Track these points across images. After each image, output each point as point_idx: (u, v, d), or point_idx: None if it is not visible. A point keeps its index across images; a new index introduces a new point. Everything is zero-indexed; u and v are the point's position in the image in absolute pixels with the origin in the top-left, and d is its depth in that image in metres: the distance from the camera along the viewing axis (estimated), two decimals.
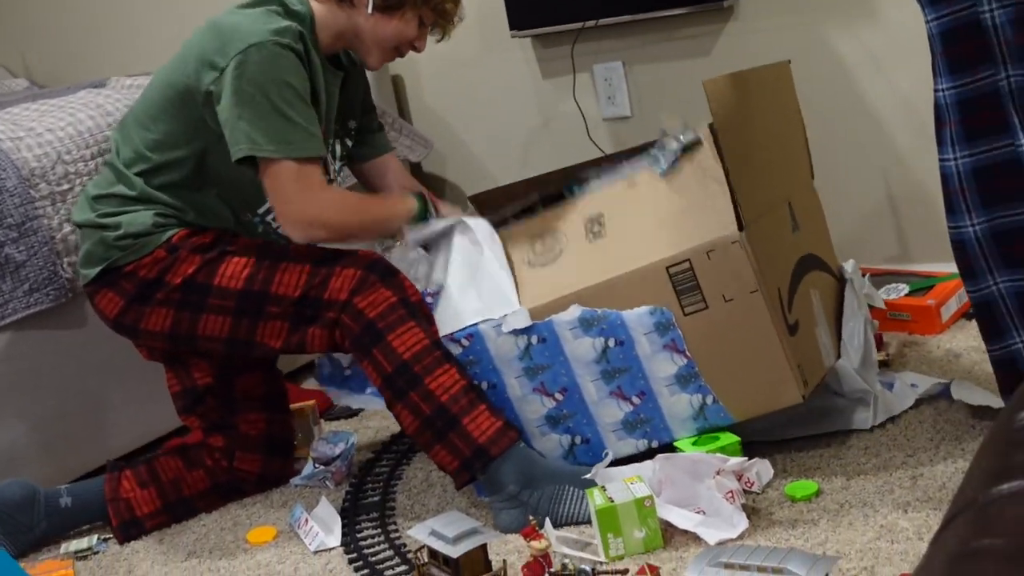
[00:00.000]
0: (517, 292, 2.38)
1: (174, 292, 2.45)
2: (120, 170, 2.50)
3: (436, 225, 2.51)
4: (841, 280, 2.58)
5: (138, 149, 2.49)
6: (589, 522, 2.21)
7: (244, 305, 2.42)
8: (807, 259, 2.44)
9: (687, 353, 2.27)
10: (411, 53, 2.58)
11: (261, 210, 2.53)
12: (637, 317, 2.27)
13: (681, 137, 2.39)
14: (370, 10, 2.46)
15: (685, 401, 2.30)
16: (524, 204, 2.60)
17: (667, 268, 2.25)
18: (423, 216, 2.52)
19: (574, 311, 2.29)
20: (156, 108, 2.48)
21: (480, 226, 2.49)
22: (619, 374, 2.30)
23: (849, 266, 2.60)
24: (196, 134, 2.44)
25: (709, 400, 2.28)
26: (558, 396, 2.35)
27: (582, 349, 2.31)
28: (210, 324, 2.45)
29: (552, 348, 2.32)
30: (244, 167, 2.38)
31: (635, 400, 2.31)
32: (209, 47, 2.38)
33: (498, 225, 2.52)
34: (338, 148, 2.63)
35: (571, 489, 2.28)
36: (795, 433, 2.41)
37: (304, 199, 2.38)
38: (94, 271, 2.50)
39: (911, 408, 2.44)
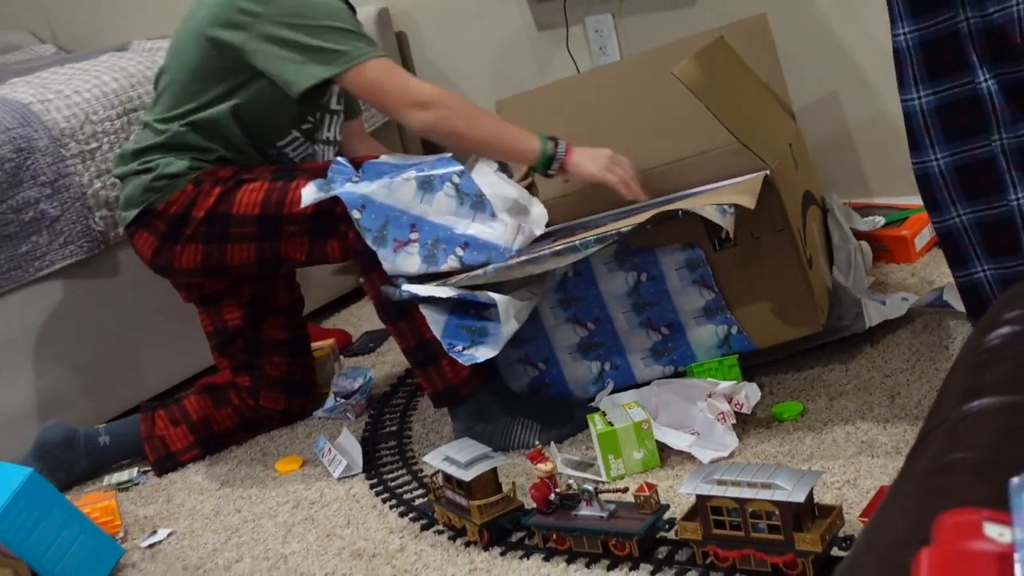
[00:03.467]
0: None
1: (200, 226, 2.53)
2: (156, 126, 2.58)
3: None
4: (824, 211, 2.68)
5: (172, 102, 2.57)
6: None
7: (264, 229, 2.50)
8: (806, 195, 2.54)
9: (715, 288, 2.36)
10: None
11: (281, 143, 2.62)
12: (669, 253, 2.36)
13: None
14: None
15: (711, 331, 2.39)
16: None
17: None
18: (544, 165, 2.48)
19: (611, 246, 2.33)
20: (187, 60, 2.55)
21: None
22: (649, 307, 2.39)
23: (831, 197, 2.68)
24: (227, 81, 2.52)
25: (734, 330, 2.38)
26: (590, 326, 2.44)
27: (615, 283, 2.40)
28: (237, 253, 2.54)
29: (586, 281, 2.41)
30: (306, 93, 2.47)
31: (663, 330, 2.41)
32: None
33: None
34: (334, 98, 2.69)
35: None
36: (801, 345, 2.47)
37: (399, 85, 2.46)
38: (132, 213, 2.59)
39: (889, 333, 2.50)
